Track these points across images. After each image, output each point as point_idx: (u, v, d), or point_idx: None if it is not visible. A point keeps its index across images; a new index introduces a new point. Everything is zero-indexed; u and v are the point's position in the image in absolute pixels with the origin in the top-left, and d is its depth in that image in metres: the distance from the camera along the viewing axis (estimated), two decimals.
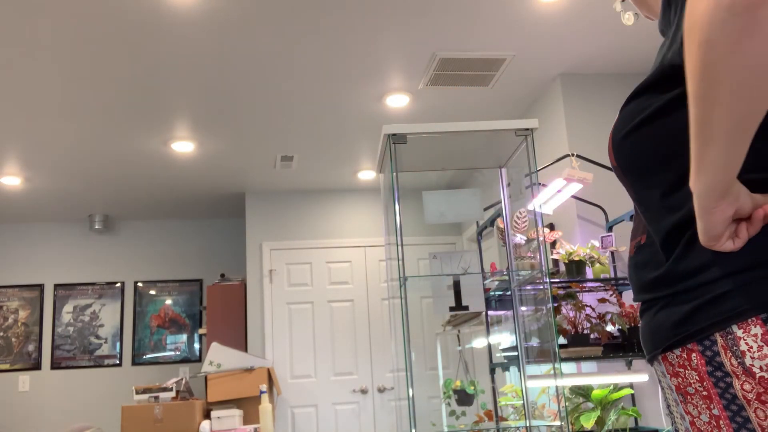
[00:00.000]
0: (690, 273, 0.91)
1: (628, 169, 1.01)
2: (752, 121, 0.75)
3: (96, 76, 3.58)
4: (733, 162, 0.78)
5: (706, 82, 0.75)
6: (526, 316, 2.95)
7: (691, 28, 0.75)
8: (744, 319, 0.84)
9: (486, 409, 3.39)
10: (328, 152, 4.93)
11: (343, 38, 3.35)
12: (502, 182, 2.90)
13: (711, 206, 0.81)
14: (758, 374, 0.83)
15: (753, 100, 0.74)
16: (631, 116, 0.98)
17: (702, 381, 0.89)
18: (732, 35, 0.71)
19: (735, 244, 0.84)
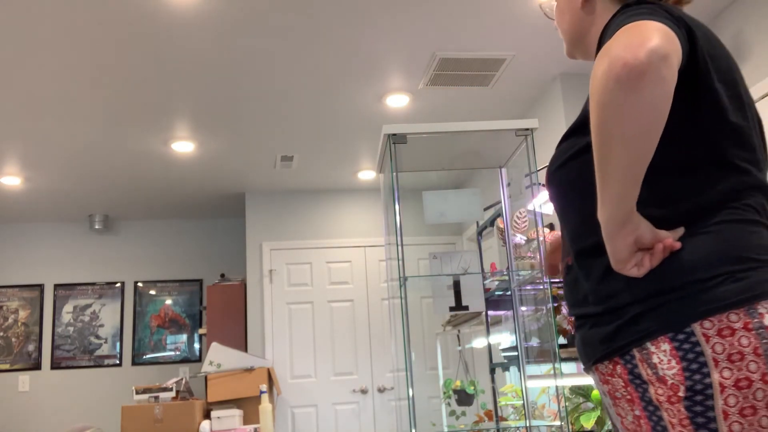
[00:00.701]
0: (610, 296, 1.08)
1: (557, 197, 1.20)
2: (639, 167, 0.95)
3: (96, 76, 3.58)
4: (627, 198, 0.97)
5: (602, 135, 0.94)
6: (526, 316, 2.95)
7: (592, 91, 0.95)
8: (655, 338, 1.02)
9: (486, 409, 3.39)
10: (328, 152, 4.93)
11: (343, 38, 3.35)
12: (502, 182, 2.90)
13: (613, 233, 0.99)
14: (669, 381, 1.01)
15: (637, 152, 0.93)
16: (562, 153, 1.17)
17: (626, 387, 1.07)
18: (619, 100, 0.91)
19: (639, 271, 1.02)
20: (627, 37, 0.93)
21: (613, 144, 0.94)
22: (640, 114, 0.91)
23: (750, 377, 0.96)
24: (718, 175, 1.06)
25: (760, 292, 1.00)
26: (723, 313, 0.99)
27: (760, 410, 0.96)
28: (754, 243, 1.04)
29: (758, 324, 0.98)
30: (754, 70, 3.10)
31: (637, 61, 0.90)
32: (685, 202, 1.05)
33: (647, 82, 0.90)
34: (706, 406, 0.98)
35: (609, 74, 0.91)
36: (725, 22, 3.27)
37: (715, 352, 0.98)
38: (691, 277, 1.01)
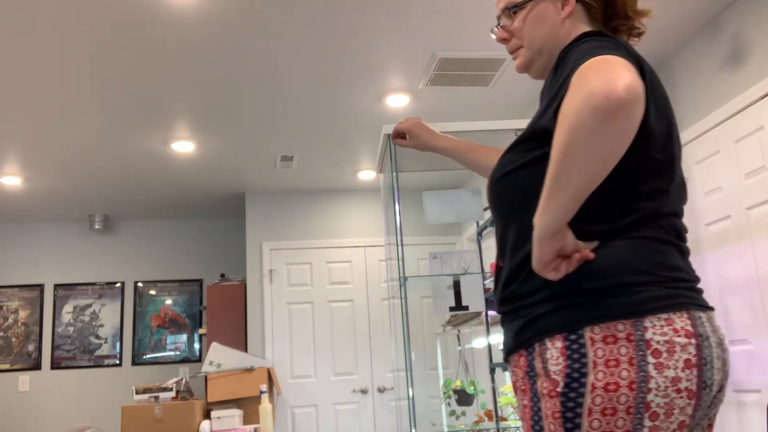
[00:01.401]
0: (526, 294, 1.19)
1: (496, 206, 1.29)
2: (587, 190, 1.05)
3: (96, 76, 3.58)
4: (567, 213, 1.07)
5: (565, 153, 1.03)
6: None
7: (564, 115, 1.03)
8: (552, 335, 1.13)
9: (486, 409, 3.39)
10: (328, 152, 4.93)
11: (343, 38, 3.35)
12: None
13: (544, 239, 1.09)
14: (552, 376, 1.12)
15: (592, 174, 1.03)
16: (505, 164, 1.26)
17: (524, 378, 1.19)
18: (591, 127, 0.99)
19: (555, 275, 1.12)
20: (604, 73, 1.02)
21: (573, 164, 1.02)
22: (606, 143, 1.01)
23: (619, 383, 1.07)
24: (640, 201, 1.17)
25: (650, 308, 1.10)
26: (612, 322, 1.09)
27: (619, 412, 1.07)
28: (658, 260, 1.15)
29: (639, 336, 1.08)
30: (754, 70, 3.10)
31: (617, 96, 0.98)
32: (611, 222, 1.16)
33: (621, 116, 0.99)
34: (577, 403, 1.09)
35: (588, 102, 0.99)
36: (725, 22, 3.27)
37: (596, 356, 1.09)
38: (593, 285, 1.12)
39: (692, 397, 1.09)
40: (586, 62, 1.08)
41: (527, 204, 1.19)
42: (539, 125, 1.21)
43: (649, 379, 1.07)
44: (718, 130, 3.36)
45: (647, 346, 1.08)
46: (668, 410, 1.07)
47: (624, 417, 1.07)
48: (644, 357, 1.07)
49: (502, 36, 1.45)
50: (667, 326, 1.09)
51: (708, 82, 3.42)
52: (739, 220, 3.23)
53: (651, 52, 3.69)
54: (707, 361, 1.11)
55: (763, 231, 3.07)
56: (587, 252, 1.13)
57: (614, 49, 1.16)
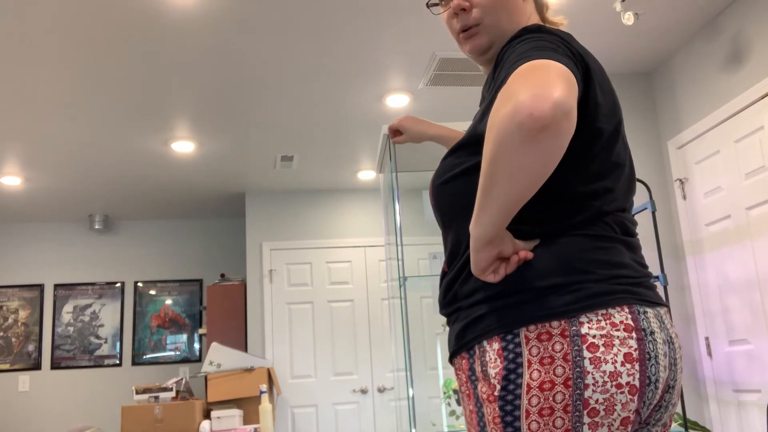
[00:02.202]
0: (466, 295, 1.16)
1: (438, 211, 1.27)
2: (518, 203, 1.01)
3: (96, 77, 3.58)
4: (501, 223, 1.04)
5: (491, 168, 0.99)
6: None
7: (490, 127, 0.98)
8: (490, 337, 1.09)
9: None
10: (328, 152, 4.93)
11: (343, 38, 3.35)
12: None
13: (479, 248, 1.07)
14: (491, 380, 1.08)
15: (520, 190, 0.99)
16: (447, 169, 1.23)
17: (466, 383, 1.15)
18: (515, 145, 0.95)
19: (494, 278, 1.10)
20: (534, 83, 0.96)
21: (499, 179, 0.99)
22: (532, 162, 0.96)
23: (554, 380, 1.03)
24: (585, 201, 1.14)
25: (586, 305, 1.06)
26: (548, 321, 1.06)
27: (556, 411, 1.02)
28: (599, 258, 1.11)
29: (575, 332, 1.04)
30: (754, 70, 3.10)
31: (541, 113, 0.92)
32: (553, 224, 1.13)
33: (547, 135, 0.93)
34: (514, 405, 1.05)
35: (513, 118, 0.94)
36: (725, 22, 3.27)
37: (531, 354, 1.05)
38: (530, 285, 1.09)
39: (634, 393, 1.04)
40: (520, 68, 1.02)
41: (467, 210, 1.15)
42: (479, 130, 1.16)
43: (586, 375, 1.02)
44: (718, 130, 3.36)
45: (583, 340, 1.03)
46: (608, 406, 1.03)
47: (562, 416, 1.02)
48: (580, 352, 1.03)
49: (461, 5, 1.30)
50: (605, 321, 1.05)
51: (708, 82, 3.42)
52: (739, 220, 3.23)
53: (651, 52, 3.69)
54: (651, 356, 1.06)
55: (763, 231, 3.07)
56: (525, 253, 1.10)
57: (553, 49, 1.09)
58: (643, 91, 3.92)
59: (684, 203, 3.64)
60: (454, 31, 1.37)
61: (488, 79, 1.27)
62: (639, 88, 3.92)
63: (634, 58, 3.75)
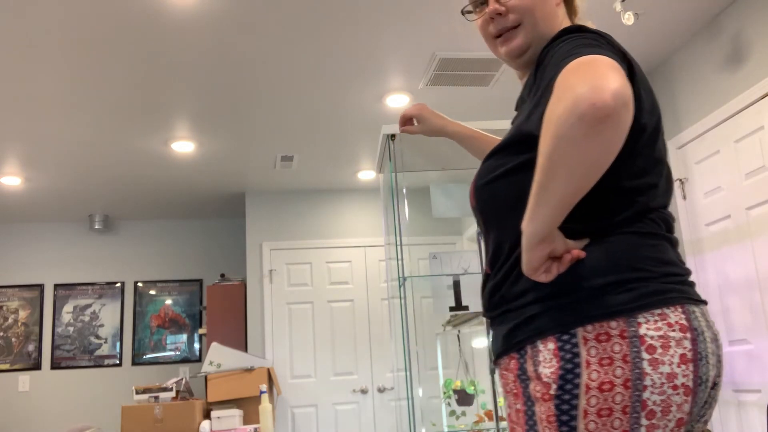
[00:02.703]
0: (516, 296, 1.16)
1: (482, 211, 1.26)
2: (575, 197, 1.01)
3: (96, 77, 3.58)
4: (556, 220, 1.04)
5: (550, 163, 0.99)
6: None
7: (548, 123, 0.99)
8: (545, 337, 1.10)
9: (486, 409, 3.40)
10: (328, 152, 4.93)
11: (343, 38, 3.35)
12: None
13: (532, 246, 1.06)
14: (544, 379, 1.09)
15: (579, 183, 0.99)
16: (490, 170, 1.23)
17: (515, 381, 1.15)
18: (577, 137, 0.95)
19: (546, 278, 1.09)
20: (590, 76, 0.96)
21: (558, 174, 0.99)
22: (593, 154, 0.96)
23: (613, 381, 1.04)
24: (632, 197, 1.15)
25: (643, 304, 1.07)
26: (606, 320, 1.06)
27: (615, 412, 1.04)
28: (651, 255, 1.12)
29: (633, 332, 1.05)
30: (754, 70, 3.10)
31: (603, 103, 0.93)
32: (602, 220, 1.13)
33: (609, 125, 0.94)
34: (571, 405, 1.06)
35: (574, 111, 0.94)
36: (725, 22, 3.27)
37: (590, 355, 1.06)
38: (584, 284, 1.09)
39: (689, 394, 1.05)
40: (570, 64, 1.03)
41: (513, 210, 1.15)
42: (524, 129, 1.17)
43: (644, 376, 1.03)
44: (718, 130, 3.36)
45: (641, 342, 1.04)
46: (665, 408, 1.04)
47: (620, 417, 1.03)
48: (638, 353, 1.04)
49: (497, 9, 1.32)
50: (661, 321, 1.06)
51: (708, 82, 3.42)
52: (739, 220, 3.23)
53: (651, 52, 3.69)
54: (702, 356, 1.08)
55: (763, 231, 3.07)
56: (578, 252, 1.10)
57: (598, 46, 1.11)
58: None
59: (684, 203, 3.64)
60: (489, 36, 1.38)
61: (528, 82, 1.27)
62: None
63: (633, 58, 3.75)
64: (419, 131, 1.78)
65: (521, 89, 1.36)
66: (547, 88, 1.10)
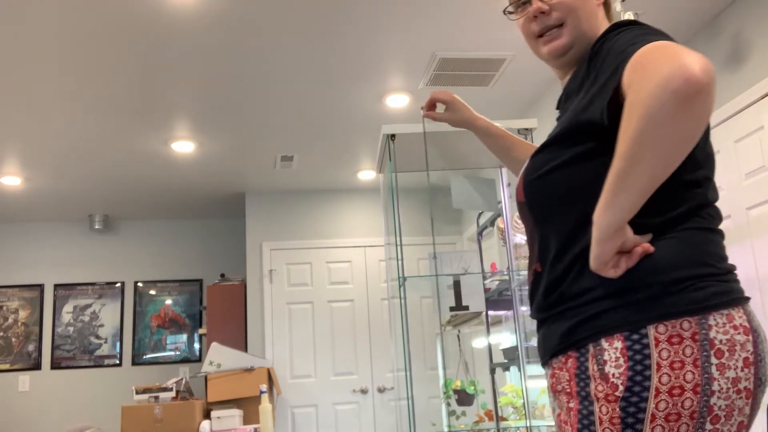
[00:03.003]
0: (578, 294, 1.12)
1: (532, 206, 1.23)
2: (658, 182, 0.99)
3: (96, 77, 3.58)
4: (635, 208, 1.02)
5: (637, 145, 0.96)
6: (527, 316, 2.95)
7: (635, 103, 0.97)
8: (611, 335, 1.06)
9: (486, 409, 3.40)
10: (328, 152, 4.93)
11: (343, 38, 3.35)
12: (502, 182, 2.90)
13: (606, 238, 1.04)
14: (611, 380, 1.05)
15: (667, 165, 0.98)
16: (542, 164, 1.20)
17: (570, 381, 1.12)
18: (673, 113, 0.93)
19: (615, 273, 1.06)
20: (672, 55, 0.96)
21: (645, 157, 0.97)
22: (686, 130, 0.95)
23: (683, 386, 1.02)
24: (692, 189, 1.13)
25: (713, 304, 1.05)
26: (677, 320, 1.04)
27: (683, 417, 1.02)
28: (713, 251, 1.10)
29: (704, 336, 1.03)
30: (753, 70, 3.10)
31: (697, 77, 0.92)
32: (665, 213, 1.11)
33: (702, 98, 0.93)
34: (639, 408, 1.03)
35: (666, 87, 0.93)
36: (725, 22, 3.27)
37: (661, 358, 1.03)
38: (656, 280, 1.06)
39: (749, 397, 1.05)
40: (644, 48, 1.01)
41: (565, 205, 1.14)
42: (583, 119, 1.14)
43: (713, 382, 1.02)
44: (718, 130, 3.36)
45: (711, 345, 1.03)
46: (728, 412, 1.03)
47: (687, 422, 1.02)
48: (708, 358, 1.02)
49: (541, 8, 1.31)
50: (729, 324, 1.05)
51: None
52: (739, 220, 3.23)
53: None
54: (762, 358, 1.07)
55: (763, 231, 3.07)
56: (648, 245, 1.07)
57: (658, 34, 1.09)
58: None
59: None
60: (531, 36, 1.36)
61: (578, 75, 1.25)
62: None
63: None
64: (444, 119, 1.72)
65: (564, 86, 1.33)
66: (613, 76, 1.08)
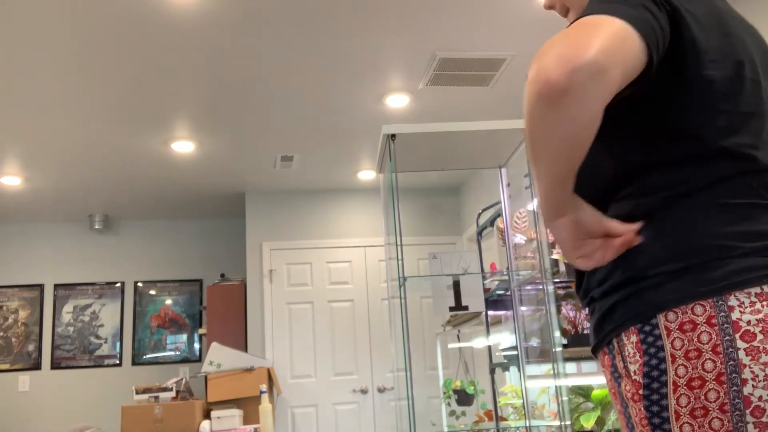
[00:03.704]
0: (595, 285, 1.06)
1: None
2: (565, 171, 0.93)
3: (96, 76, 3.58)
4: (555, 192, 0.95)
5: (528, 137, 0.93)
6: (526, 316, 2.95)
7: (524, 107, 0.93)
8: (627, 328, 0.98)
9: (486, 409, 3.40)
10: (328, 152, 4.93)
11: (343, 38, 3.35)
12: (502, 182, 2.90)
13: (549, 224, 0.98)
14: (633, 377, 0.97)
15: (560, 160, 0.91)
16: None
17: (611, 381, 1.05)
18: (539, 113, 0.88)
19: (585, 264, 0.99)
20: (565, 43, 0.88)
21: (537, 148, 0.92)
22: (560, 130, 0.88)
23: (703, 377, 0.91)
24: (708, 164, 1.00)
25: (734, 282, 0.93)
26: (688, 304, 0.93)
27: (711, 411, 0.91)
28: (741, 228, 0.97)
29: (724, 318, 0.91)
30: None
31: (559, 79, 0.85)
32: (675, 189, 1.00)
33: (569, 101, 0.85)
34: (661, 406, 0.94)
35: (532, 86, 0.88)
36: None
37: (674, 348, 0.93)
38: (662, 265, 0.96)
39: None
40: (571, 25, 0.94)
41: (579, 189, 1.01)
42: None
43: (742, 369, 0.90)
44: None
45: (735, 328, 0.90)
46: None
47: (719, 417, 0.90)
48: (732, 342, 0.90)
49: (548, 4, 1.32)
50: (760, 302, 0.91)
51: None
52: None
53: None
54: None
55: None
56: (630, 236, 0.97)
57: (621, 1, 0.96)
58: None
59: None
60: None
61: None
62: None
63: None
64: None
65: None
66: None
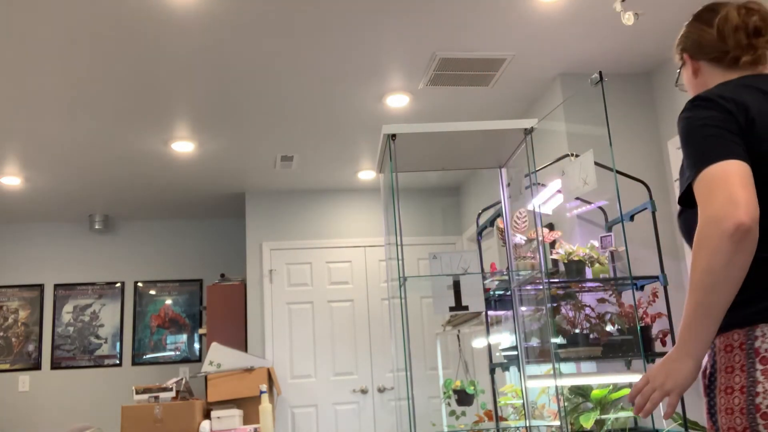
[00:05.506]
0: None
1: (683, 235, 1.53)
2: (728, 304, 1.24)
3: (96, 77, 3.58)
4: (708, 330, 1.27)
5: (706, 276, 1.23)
6: (526, 316, 2.95)
7: (698, 239, 1.24)
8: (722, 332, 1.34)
9: (486, 409, 3.40)
10: (328, 152, 4.93)
11: (343, 38, 3.35)
12: (502, 182, 2.90)
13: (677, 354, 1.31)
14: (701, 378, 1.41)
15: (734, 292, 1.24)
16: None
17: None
18: (730, 252, 1.20)
19: (646, 411, 1.35)
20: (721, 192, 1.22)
21: (719, 288, 1.21)
22: (745, 263, 1.20)
23: (733, 386, 1.28)
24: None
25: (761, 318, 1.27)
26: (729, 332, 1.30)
27: (735, 412, 1.27)
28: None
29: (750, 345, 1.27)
30: None
31: (740, 222, 1.18)
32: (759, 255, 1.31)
33: (750, 240, 1.19)
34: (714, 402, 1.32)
35: (718, 229, 1.20)
36: None
37: (720, 363, 1.31)
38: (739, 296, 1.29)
39: None
40: (697, 182, 1.28)
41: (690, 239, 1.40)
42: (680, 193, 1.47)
43: (757, 384, 1.24)
44: None
45: (755, 353, 1.26)
46: None
47: (739, 416, 1.26)
48: (753, 364, 1.25)
49: (682, 89, 1.65)
50: None
51: None
52: None
53: (651, 53, 3.69)
54: None
55: None
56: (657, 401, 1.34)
57: (715, 135, 1.30)
58: (643, 91, 3.92)
59: None
60: None
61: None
62: (639, 88, 3.92)
63: (634, 58, 3.75)
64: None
65: None
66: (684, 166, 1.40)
